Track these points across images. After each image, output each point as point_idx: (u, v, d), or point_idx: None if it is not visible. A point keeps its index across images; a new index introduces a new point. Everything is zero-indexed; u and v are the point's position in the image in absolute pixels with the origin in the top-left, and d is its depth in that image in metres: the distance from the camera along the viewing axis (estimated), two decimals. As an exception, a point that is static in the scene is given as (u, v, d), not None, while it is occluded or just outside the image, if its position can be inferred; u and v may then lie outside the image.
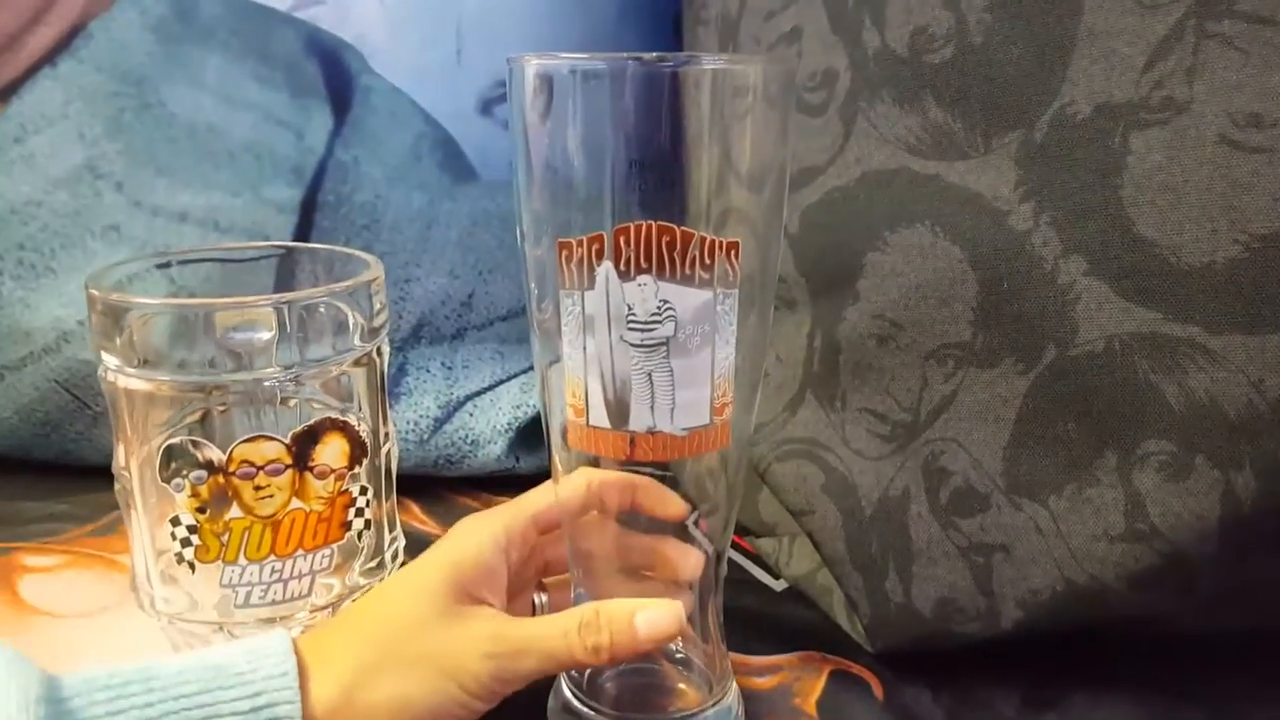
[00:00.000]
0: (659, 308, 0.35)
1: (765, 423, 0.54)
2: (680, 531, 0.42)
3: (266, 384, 0.43)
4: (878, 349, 0.49)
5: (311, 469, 0.44)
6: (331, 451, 0.44)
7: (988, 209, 0.45)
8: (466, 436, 0.67)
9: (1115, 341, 0.43)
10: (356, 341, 0.46)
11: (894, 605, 0.48)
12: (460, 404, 0.68)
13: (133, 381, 0.43)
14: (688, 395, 0.36)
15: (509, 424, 0.68)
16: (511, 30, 0.66)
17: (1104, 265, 0.42)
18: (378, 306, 0.48)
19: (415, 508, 0.67)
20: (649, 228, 0.34)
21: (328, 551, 0.45)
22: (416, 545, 0.46)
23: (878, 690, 0.49)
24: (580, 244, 0.35)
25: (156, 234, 0.62)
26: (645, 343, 0.35)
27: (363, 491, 0.47)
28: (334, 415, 0.44)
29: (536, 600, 0.46)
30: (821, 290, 0.52)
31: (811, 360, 0.52)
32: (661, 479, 0.41)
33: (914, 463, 0.48)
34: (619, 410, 0.36)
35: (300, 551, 0.44)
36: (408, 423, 0.67)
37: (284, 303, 0.43)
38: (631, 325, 0.35)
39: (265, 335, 0.46)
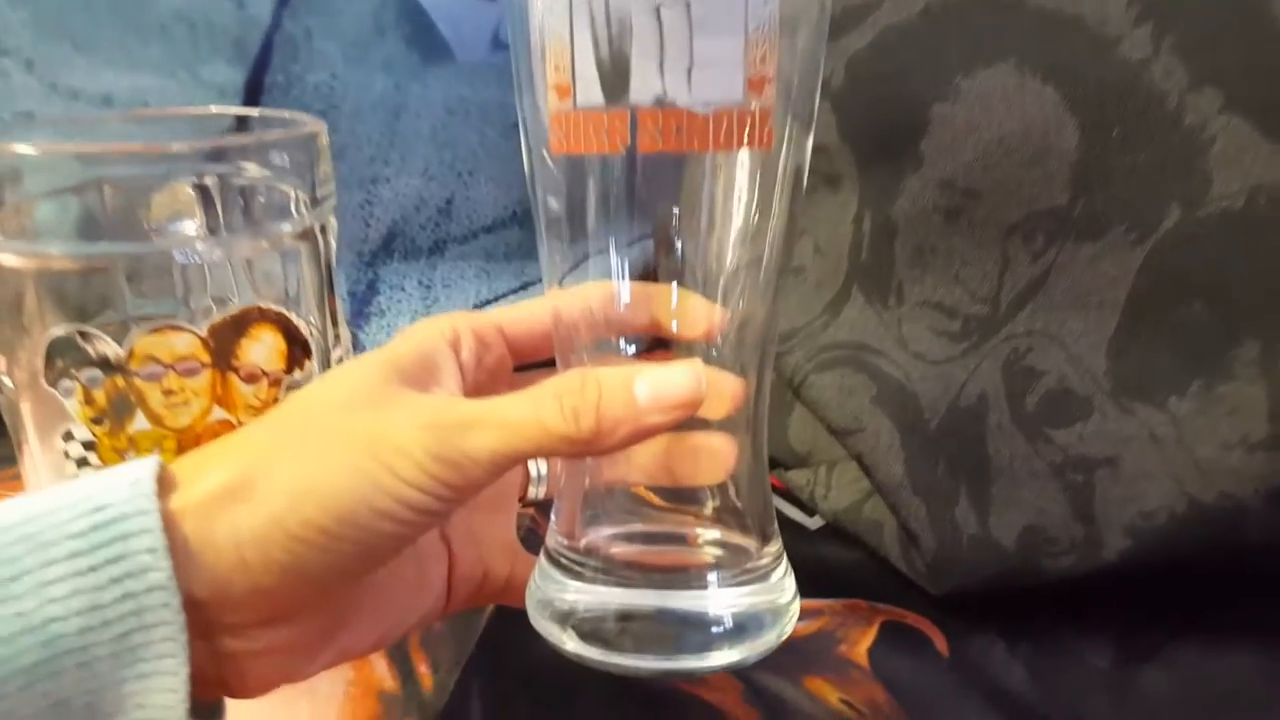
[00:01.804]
0: None
1: (799, 328, 0.45)
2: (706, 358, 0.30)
3: (181, 258, 0.34)
4: (945, 226, 0.40)
5: (237, 370, 0.35)
6: (262, 349, 0.35)
7: (1091, 37, 0.36)
8: (446, 363, 0.58)
9: (1260, 195, 0.34)
10: (295, 213, 0.37)
11: (966, 538, 0.39)
12: (438, 326, 0.59)
13: (11, 258, 0.33)
14: (710, 47, 0.25)
15: (495, 348, 0.59)
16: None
17: (1246, 98, 0.33)
18: (321, 175, 0.38)
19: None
20: None
21: (263, 475, 0.36)
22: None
23: (940, 643, 0.40)
24: None
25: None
26: None
27: (306, 401, 0.37)
28: (264, 305, 0.35)
29: (531, 467, 0.36)
30: (872, 158, 0.42)
31: (859, 248, 0.43)
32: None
33: (992, 364, 0.39)
34: (616, 72, 0.25)
35: (227, 474, 0.35)
36: (379, 344, 0.57)
37: (198, 151, 0.34)
38: None
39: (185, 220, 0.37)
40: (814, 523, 0.49)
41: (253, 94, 0.54)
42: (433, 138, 0.58)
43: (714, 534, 0.31)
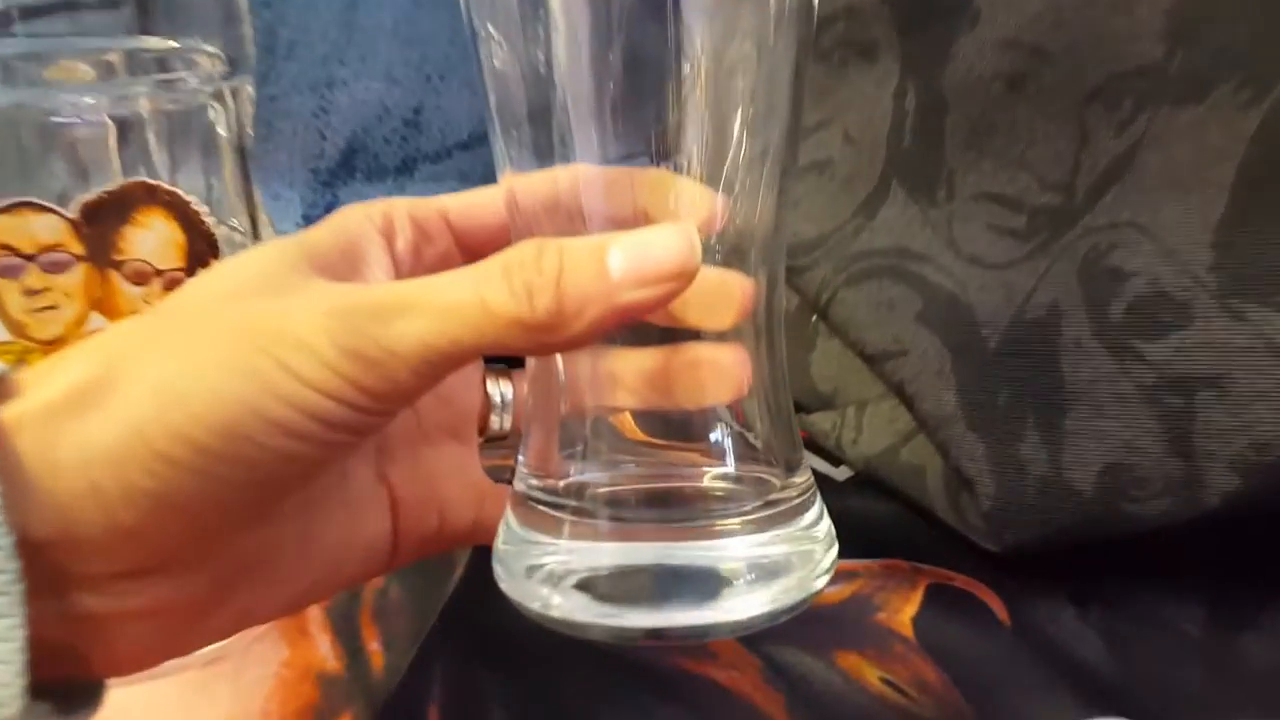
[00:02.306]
0: None
1: (826, 235, 0.37)
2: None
3: (53, 111, 0.27)
4: (1008, 97, 0.33)
5: (119, 266, 0.27)
6: (152, 239, 0.28)
7: None
8: (415, 295, 0.51)
9: None
10: (205, 65, 0.30)
11: (1033, 480, 0.32)
12: (407, 255, 0.52)
13: None
14: None
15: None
16: None
17: None
18: (238, 35, 0.31)
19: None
20: None
21: (159, 402, 0.29)
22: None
23: (999, 609, 0.33)
24: None
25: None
26: None
27: (215, 311, 0.30)
28: (151, 181, 0.28)
29: (491, 389, 0.30)
30: (917, 18, 0.35)
31: (900, 131, 0.35)
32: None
33: (1067, 266, 0.32)
34: None
35: (111, 399, 0.28)
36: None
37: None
38: None
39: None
40: (841, 473, 0.42)
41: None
42: (395, 33, 0.50)
43: (725, 468, 0.24)
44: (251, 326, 0.20)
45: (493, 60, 0.23)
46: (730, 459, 0.24)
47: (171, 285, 0.28)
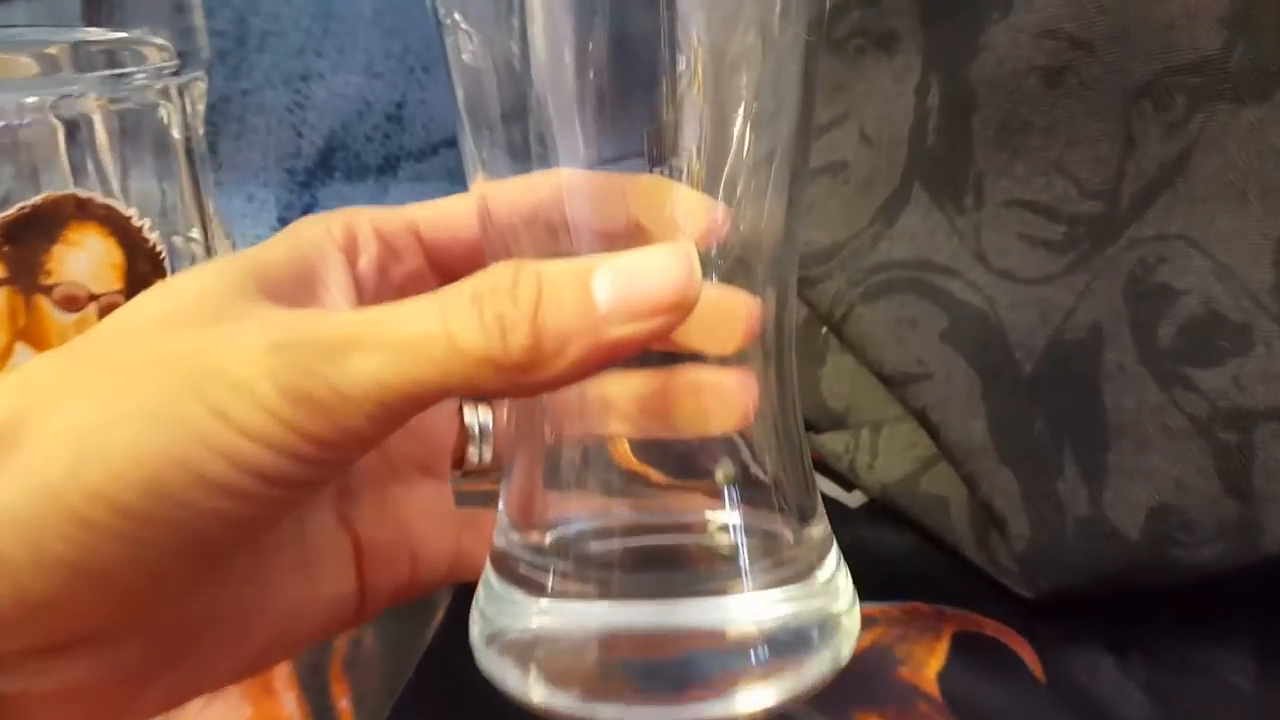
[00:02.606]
0: None
1: (841, 244, 0.34)
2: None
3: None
4: (1045, 93, 0.29)
5: (47, 289, 0.24)
6: (84, 260, 0.25)
7: None
8: (398, 302, 0.48)
9: None
10: (154, 58, 0.27)
11: (1072, 520, 0.29)
12: (390, 259, 0.48)
13: None
14: None
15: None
16: None
17: None
18: (188, 24, 0.28)
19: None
20: None
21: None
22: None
23: (1032, 660, 0.30)
24: None
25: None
26: None
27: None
28: (83, 193, 0.24)
29: (468, 418, 0.27)
30: (941, 8, 0.32)
31: (923, 130, 0.32)
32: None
33: (1110, 283, 0.29)
34: None
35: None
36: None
37: None
38: None
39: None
40: (855, 499, 0.39)
41: (147, -36, 0.43)
42: (377, 23, 0.47)
43: (731, 516, 0.21)
44: (181, 362, 0.17)
45: (461, 53, 0.20)
46: (736, 500, 0.21)
47: (108, 309, 0.25)
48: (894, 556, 0.35)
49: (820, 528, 0.22)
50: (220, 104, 0.45)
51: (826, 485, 0.39)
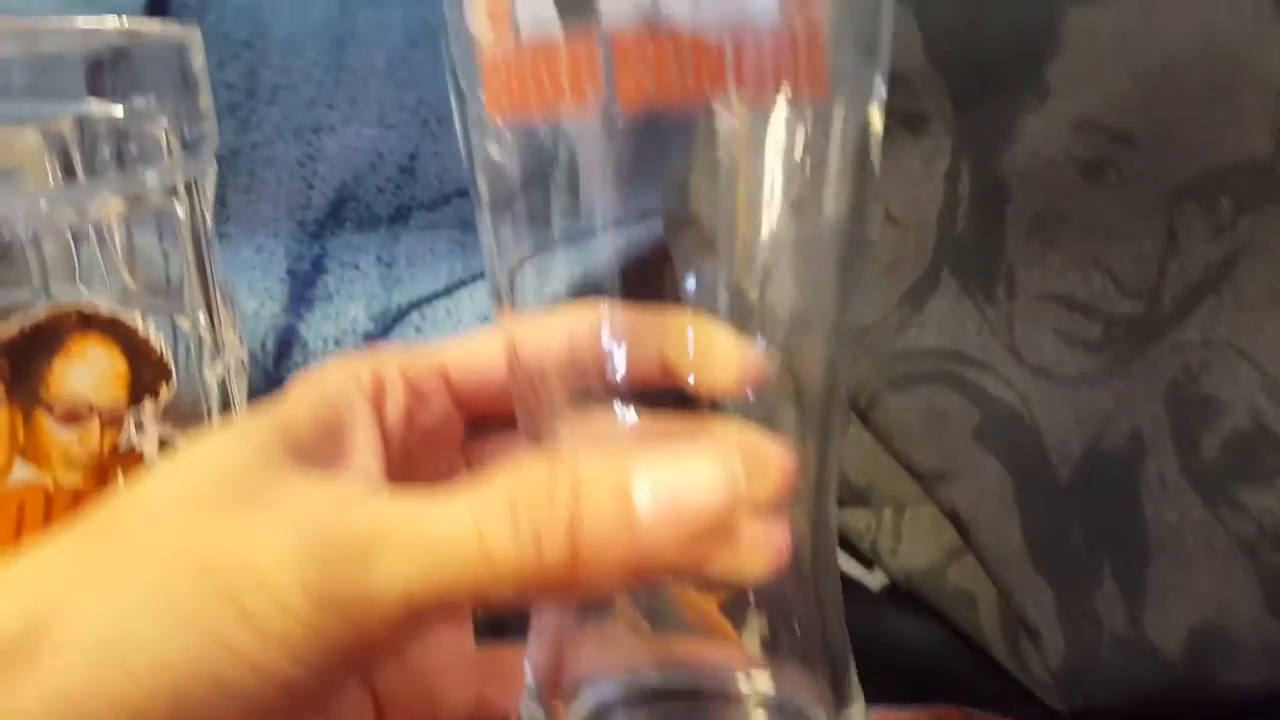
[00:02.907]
0: None
1: (868, 326, 0.33)
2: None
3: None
4: (1083, 186, 0.28)
5: (49, 406, 0.23)
6: (87, 373, 0.24)
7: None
8: (410, 359, 0.47)
9: None
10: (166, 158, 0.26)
11: (1110, 636, 0.28)
12: (403, 314, 0.48)
13: None
14: None
15: (472, 340, 0.47)
16: None
17: None
18: (194, 107, 0.27)
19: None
20: None
21: (99, 555, 0.25)
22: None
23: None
24: None
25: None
26: None
27: (166, 447, 0.26)
28: (86, 306, 0.24)
29: None
30: (974, 89, 0.30)
31: (952, 215, 0.31)
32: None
33: (1150, 387, 0.28)
34: None
35: (41, 558, 0.24)
36: (326, 341, 0.46)
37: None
38: None
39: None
40: (877, 579, 0.38)
41: (156, 14, 0.42)
42: (390, 75, 0.46)
43: (762, 681, 0.20)
44: (205, 555, 0.17)
45: (489, 148, 0.19)
46: (768, 667, 0.20)
47: (113, 423, 0.24)
48: (919, 650, 0.34)
49: (857, 709, 0.21)
50: (229, 157, 0.44)
51: (847, 564, 0.38)
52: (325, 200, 0.47)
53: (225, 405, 0.30)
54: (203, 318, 0.29)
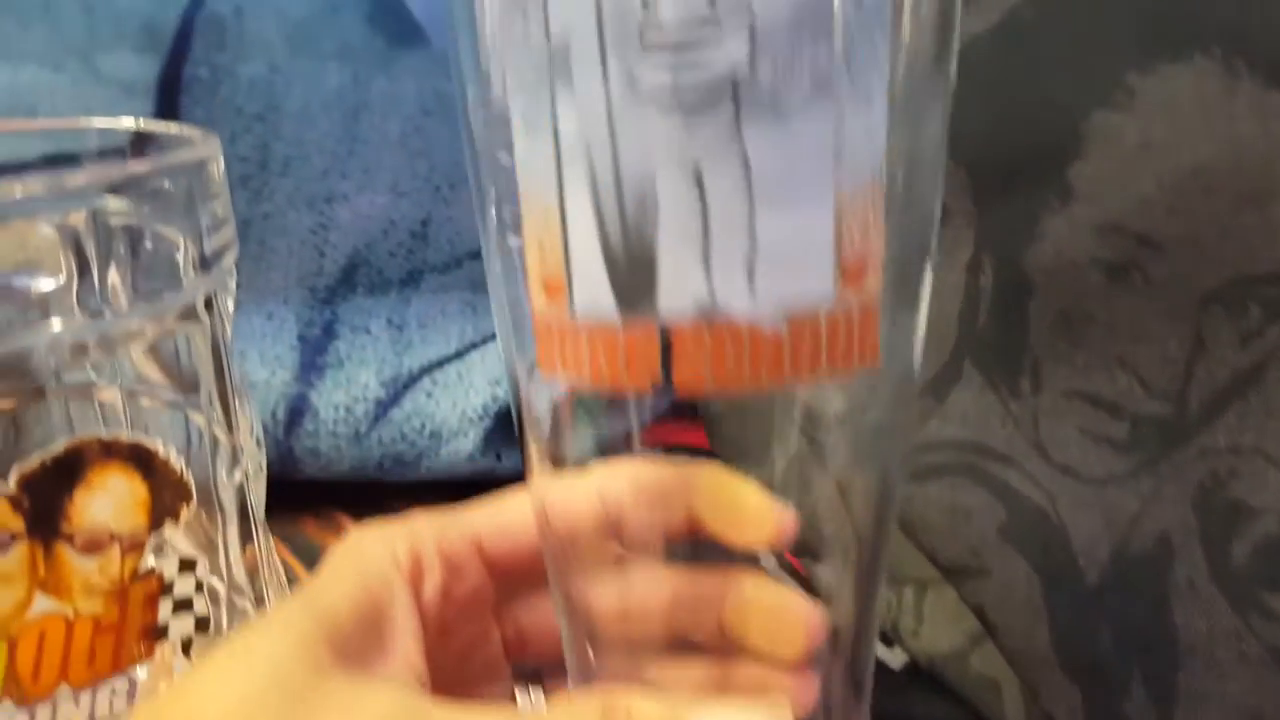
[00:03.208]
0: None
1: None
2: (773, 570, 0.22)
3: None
4: (1108, 287, 0.28)
5: (70, 538, 0.23)
6: (107, 503, 0.24)
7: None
8: (424, 426, 0.47)
9: None
10: (177, 275, 0.25)
11: (1140, 740, 0.27)
12: (415, 379, 0.48)
13: None
14: (783, 224, 0.15)
15: (484, 407, 0.47)
16: None
17: None
18: (212, 219, 0.27)
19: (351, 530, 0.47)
20: None
21: (123, 682, 0.25)
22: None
23: None
24: None
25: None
26: (686, 86, 0.15)
27: (186, 568, 0.26)
28: (106, 436, 0.23)
29: (520, 700, 0.26)
30: (997, 187, 0.30)
31: (974, 310, 0.31)
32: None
33: (1178, 491, 0.27)
34: (633, 268, 0.16)
35: (65, 689, 0.24)
36: (338, 409, 0.46)
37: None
38: (654, 50, 0.15)
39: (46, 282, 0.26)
40: (897, 657, 0.38)
41: (169, 92, 0.42)
42: (403, 144, 0.46)
43: None
44: None
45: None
46: None
47: (133, 549, 0.24)
48: (943, 738, 0.34)
49: None
50: (240, 227, 0.44)
51: (868, 642, 0.38)
52: (337, 267, 0.47)
53: (243, 510, 0.29)
54: (221, 423, 0.29)
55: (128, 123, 0.31)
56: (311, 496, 0.48)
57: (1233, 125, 0.25)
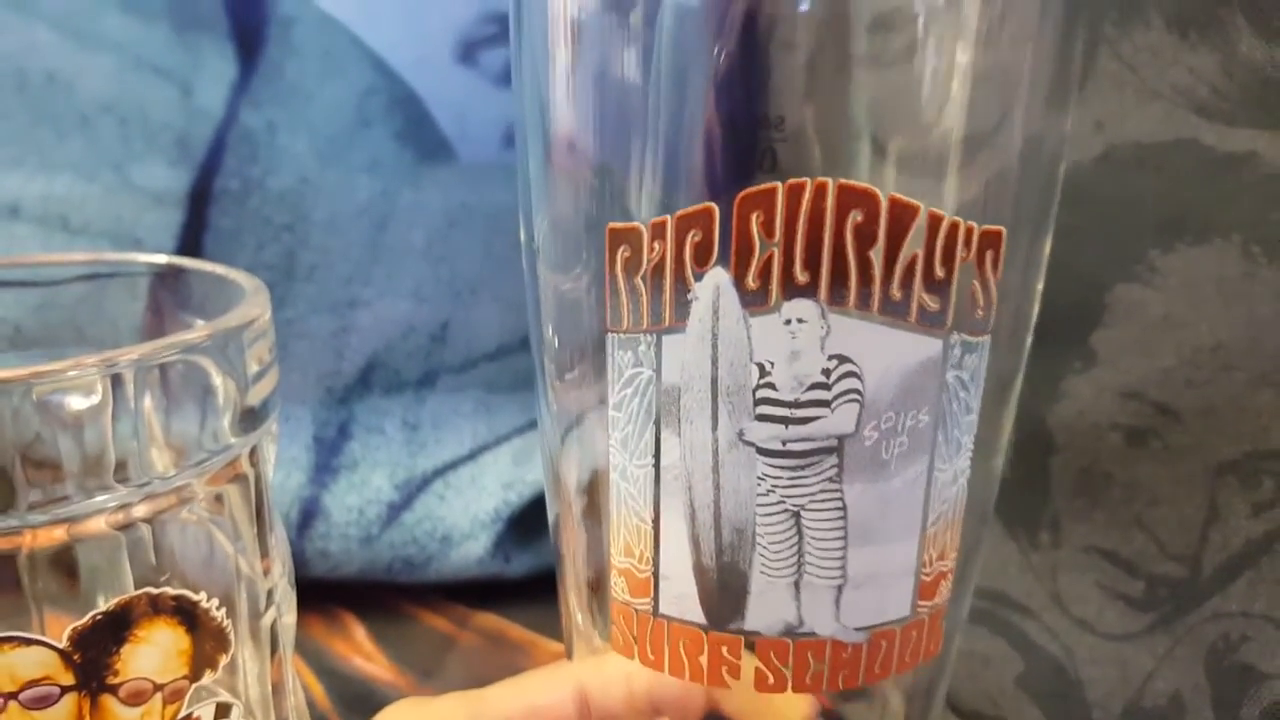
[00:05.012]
0: (828, 372, 0.16)
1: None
2: None
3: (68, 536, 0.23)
4: (1127, 450, 0.29)
5: (114, 689, 0.23)
6: (153, 655, 0.24)
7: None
8: (435, 530, 0.47)
9: None
10: (221, 437, 0.26)
11: None
12: (427, 481, 0.48)
13: None
14: (873, 559, 0.17)
15: (496, 511, 0.48)
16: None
17: None
18: (255, 367, 0.27)
19: (360, 631, 0.47)
20: (818, 192, 0.16)
21: (155, 829, 0.25)
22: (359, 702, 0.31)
23: None
24: (658, 233, 0.16)
25: (-26, 235, 0.41)
26: (794, 448, 0.16)
27: (222, 713, 0.26)
28: (157, 588, 0.24)
29: None
30: (1019, 345, 0.31)
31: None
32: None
33: (1191, 651, 0.28)
34: (725, 590, 0.17)
35: (98, 838, 0.24)
36: (350, 511, 0.46)
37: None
38: (767, 410, 0.16)
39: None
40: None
41: (199, 202, 0.43)
42: (427, 252, 0.47)
43: None
44: None
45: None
46: None
47: (174, 698, 0.24)
48: None
49: None
50: (264, 330, 0.45)
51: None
52: (355, 368, 0.47)
53: (273, 645, 0.30)
54: (259, 566, 0.29)
55: (170, 260, 0.31)
56: (318, 596, 0.48)
57: (1251, 308, 0.27)
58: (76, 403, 0.25)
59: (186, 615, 0.24)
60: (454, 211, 0.47)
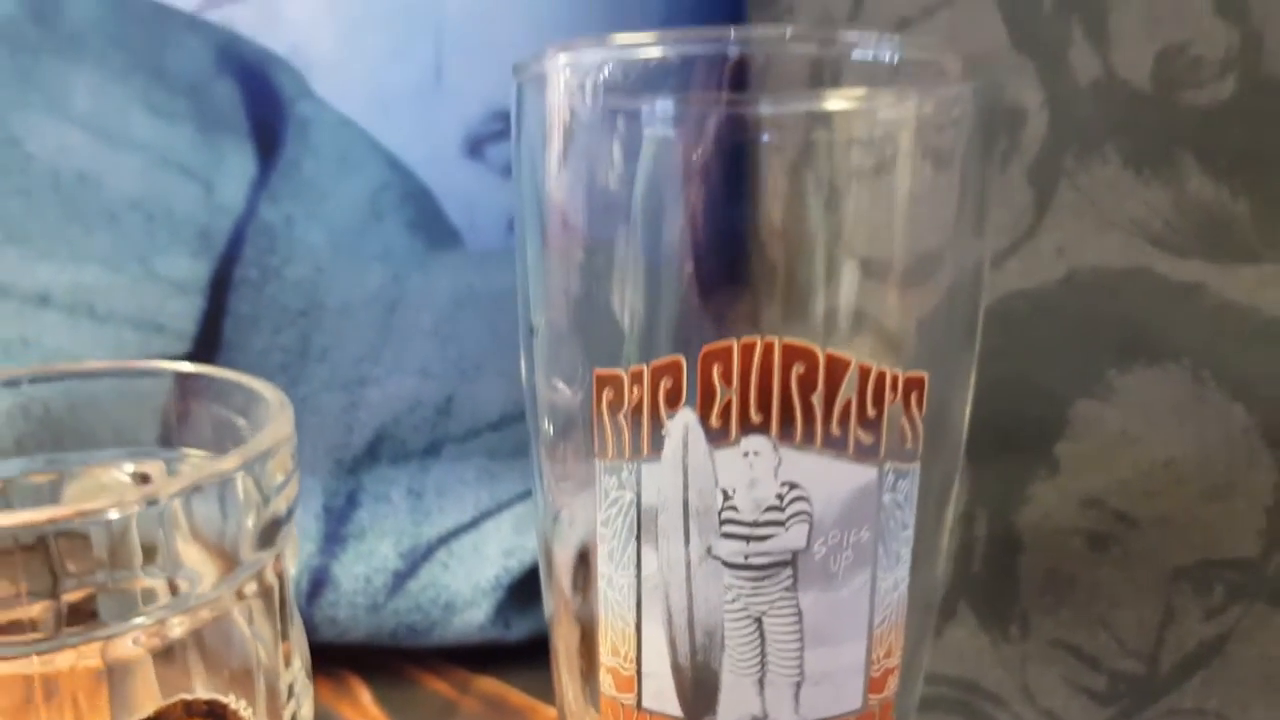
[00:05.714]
0: (781, 496, 0.19)
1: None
2: None
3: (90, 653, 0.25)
4: (1090, 553, 0.31)
5: (152, 792, 0.25)
6: (189, 758, 0.26)
7: (1302, 347, 0.27)
8: (438, 597, 0.49)
9: None
10: (248, 549, 0.28)
11: None
12: (431, 549, 0.50)
13: None
14: (827, 659, 0.20)
15: (497, 579, 0.49)
16: (514, 34, 0.48)
17: None
18: (280, 477, 0.29)
19: (365, 695, 0.49)
20: (766, 349, 0.18)
21: None
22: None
23: None
24: (636, 379, 0.19)
25: (5, 323, 0.44)
26: (754, 562, 0.19)
27: (249, 808, 0.28)
28: (189, 696, 0.26)
29: None
30: (990, 448, 0.33)
31: (969, 556, 0.34)
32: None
33: (1152, 745, 0.30)
34: (699, 687, 0.20)
35: None
36: (358, 579, 0.48)
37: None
38: (730, 529, 0.19)
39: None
40: None
41: (219, 290, 0.45)
42: (435, 333, 0.49)
43: None
44: None
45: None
46: None
47: (203, 795, 0.26)
48: None
49: None
50: (278, 407, 0.47)
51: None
52: (364, 440, 0.50)
53: (294, 731, 0.32)
54: (280, 660, 0.31)
55: (194, 369, 0.33)
56: (325, 660, 0.50)
57: (1201, 428, 0.29)
58: (115, 529, 0.27)
59: (217, 717, 0.27)
60: (461, 294, 0.49)
